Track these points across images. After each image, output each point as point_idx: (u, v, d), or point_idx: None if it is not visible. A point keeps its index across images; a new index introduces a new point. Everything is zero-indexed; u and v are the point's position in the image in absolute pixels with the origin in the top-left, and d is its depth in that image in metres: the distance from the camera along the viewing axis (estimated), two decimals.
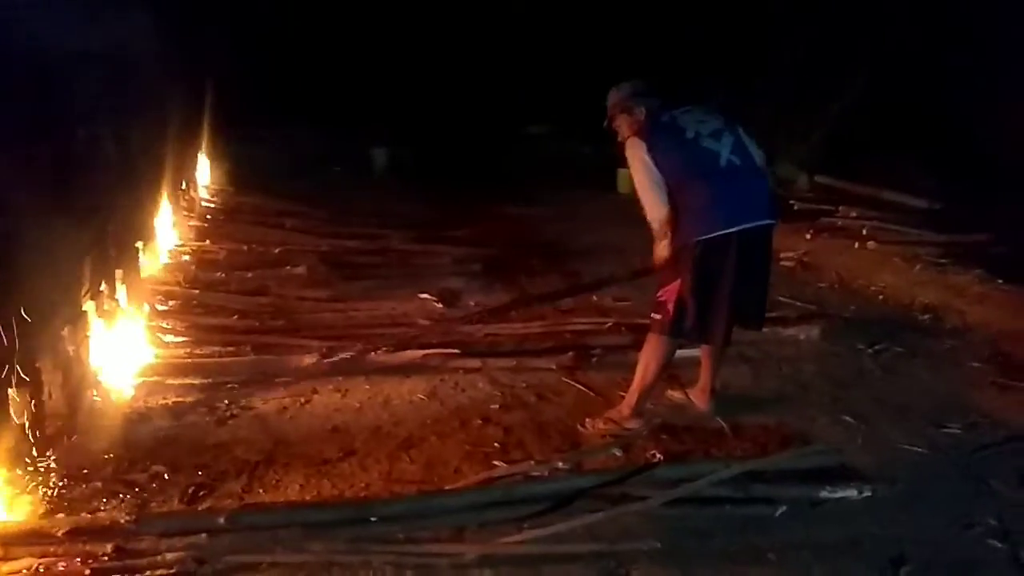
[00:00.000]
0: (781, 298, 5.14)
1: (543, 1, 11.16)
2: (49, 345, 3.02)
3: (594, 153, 9.62)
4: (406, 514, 2.53)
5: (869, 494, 2.82)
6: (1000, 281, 5.24)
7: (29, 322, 2.81)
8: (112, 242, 4.11)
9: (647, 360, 3.41)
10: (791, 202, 7.39)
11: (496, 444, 3.26)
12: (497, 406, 3.63)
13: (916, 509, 2.81)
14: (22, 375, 2.62)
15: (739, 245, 3.18)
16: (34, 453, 2.70)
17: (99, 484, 2.83)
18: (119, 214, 4.42)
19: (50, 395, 2.93)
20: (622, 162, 3.45)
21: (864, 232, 6.39)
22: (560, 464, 2.87)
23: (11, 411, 2.55)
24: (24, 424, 2.62)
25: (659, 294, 3.34)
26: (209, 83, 7.58)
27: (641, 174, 3.26)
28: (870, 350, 4.35)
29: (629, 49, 10.28)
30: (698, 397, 3.60)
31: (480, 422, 3.45)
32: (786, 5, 9.43)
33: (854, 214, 6.76)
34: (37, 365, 2.82)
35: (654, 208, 3.24)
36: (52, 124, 3.56)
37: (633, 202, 3.35)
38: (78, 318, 3.39)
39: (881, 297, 5.39)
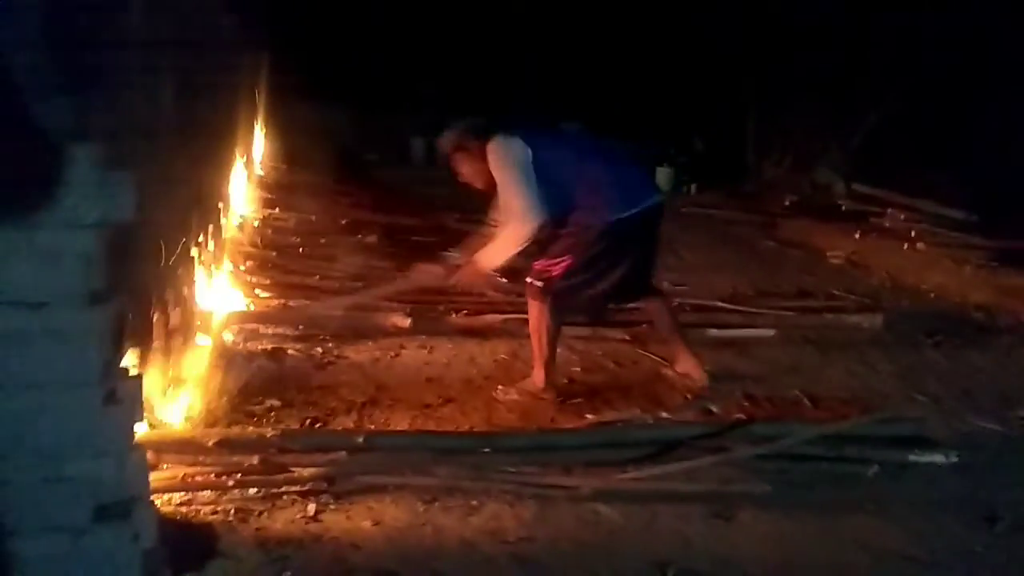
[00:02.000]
0: (835, 291, 5.31)
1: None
2: (169, 282, 3.15)
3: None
4: (527, 447, 2.66)
5: (955, 460, 2.94)
6: None
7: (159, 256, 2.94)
8: (205, 196, 4.24)
9: (538, 330, 3.37)
10: (839, 203, 7.51)
11: (583, 400, 3.39)
12: (578, 369, 3.77)
13: (1000, 476, 2.92)
14: (162, 301, 2.76)
15: (641, 224, 3.32)
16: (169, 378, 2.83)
17: (219, 414, 2.96)
18: (205, 172, 4.55)
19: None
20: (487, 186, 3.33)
21: (912, 234, 6.51)
22: (664, 414, 2.99)
23: (154, 334, 2.68)
24: (162, 347, 2.76)
25: (542, 264, 3.32)
26: (264, 60, 7.74)
27: (517, 172, 3.15)
28: (930, 340, 4.47)
29: (652, 49, 10.45)
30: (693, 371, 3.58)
31: (566, 381, 3.57)
32: (827, 15, 9.57)
33: (902, 217, 6.87)
34: (165, 297, 2.95)
35: (531, 212, 3.13)
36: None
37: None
38: (186, 261, 3.52)
39: (933, 295, 5.49)
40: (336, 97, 10.18)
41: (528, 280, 3.37)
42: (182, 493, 2.40)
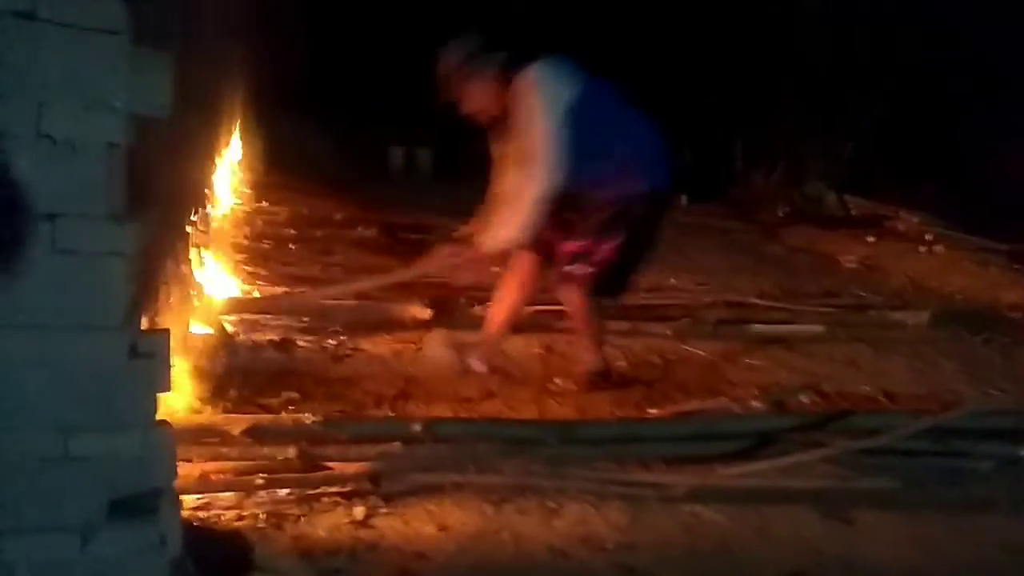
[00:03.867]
0: (861, 292, 5.05)
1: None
2: (168, 252, 2.69)
3: None
4: (613, 438, 2.26)
5: None
6: None
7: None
8: (196, 174, 3.79)
9: (587, 318, 3.01)
10: (849, 207, 7.31)
11: (640, 396, 3.00)
12: (624, 363, 3.37)
13: None
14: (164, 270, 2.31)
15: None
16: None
17: (229, 404, 2.50)
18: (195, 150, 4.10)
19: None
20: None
21: (929, 238, 6.30)
22: (755, 403, 2.62)
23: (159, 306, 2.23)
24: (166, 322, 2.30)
25: (585, 245, 2.84)
26: (244, 62, 7.32)
27: (554, 114, 2.62)
28: (978, 338, 4.19)
29: (644, 53, 10.24)
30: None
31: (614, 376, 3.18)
32: (818, 25, 9.50)
33: (915, 220, 6.68)
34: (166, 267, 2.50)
35: (555, 170, 2.61)
36: None
37: None
38: (182, 236, 3.07)
39: (960, 297, 5.25)
40: (313, 108, 9.79)
41: (572, 269, 2.86)
42: (196, 496, 1.95)
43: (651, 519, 2.07)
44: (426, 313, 3.58)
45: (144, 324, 1.72)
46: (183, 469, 1.96)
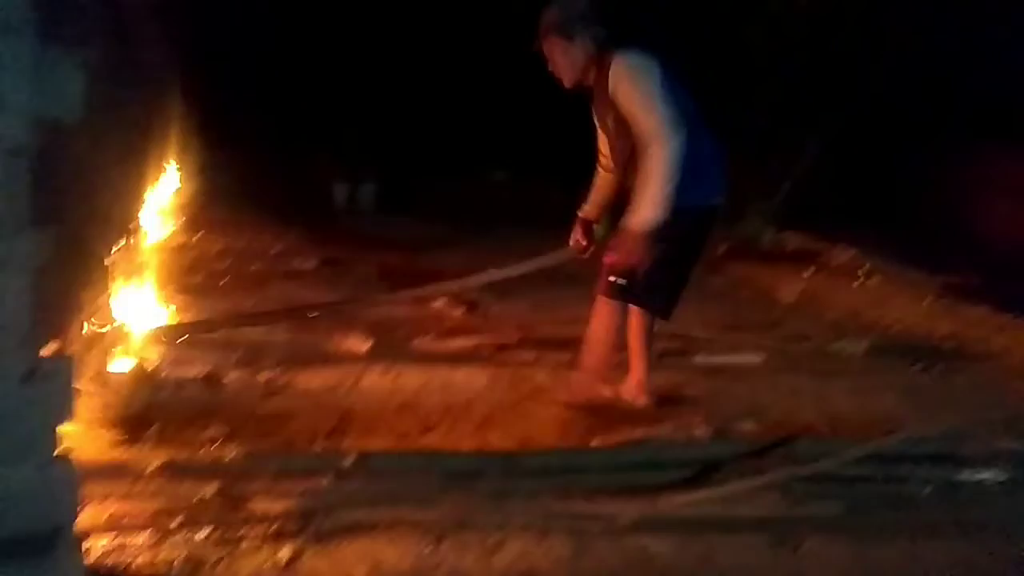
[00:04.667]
0: (800, 324, 5.10)
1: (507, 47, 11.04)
2: (84, 284, 2.55)
3: (564, 202, 9.52)
4: (555, 469, 2.18)
5: (1005, 478, 2.64)
6: (1012, 316, 5.30)
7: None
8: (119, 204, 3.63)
9: (605, 338, 3.01)
10: (785, 244, 7.46)
11: (587, 426, 2.93)
12: (565, 395, 3.31)
13: None
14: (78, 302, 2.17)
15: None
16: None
17: (148, 445, 2.35)
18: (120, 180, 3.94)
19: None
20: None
21: (864, 270, 6.44)
22: (697, 432, 2.57)
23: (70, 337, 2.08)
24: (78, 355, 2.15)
25: (619, 258, 2.82)
26: (179, 95, 7.16)
27: (654, 87, 2.66)
28: (916, 367, 4.25)
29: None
30: (633, 392, 3.09)
31: (561, 406, 3.11)
32: (756, 61, 9.75)
33: (850, 254, 6.83)
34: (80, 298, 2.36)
35: (671, 126, 2.60)
36: None
37: None
38: (100, 268, 2.91)
39: (896, 328, 5.35)
40: (257, 143, 9.62)
41: (611, 279, 2.85)
42: (107, 538, 1.79)
43: (595, 552, 1.99)
44: (365, 345, 3.48)
45: (50, 351, 1.59)
46: (92, 509, 1.83)
